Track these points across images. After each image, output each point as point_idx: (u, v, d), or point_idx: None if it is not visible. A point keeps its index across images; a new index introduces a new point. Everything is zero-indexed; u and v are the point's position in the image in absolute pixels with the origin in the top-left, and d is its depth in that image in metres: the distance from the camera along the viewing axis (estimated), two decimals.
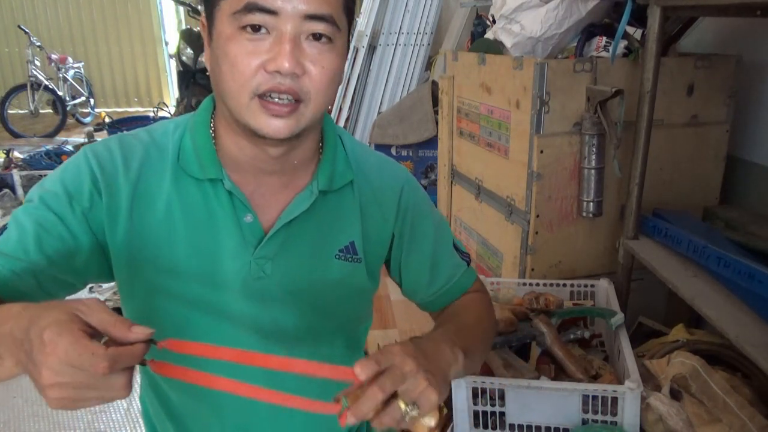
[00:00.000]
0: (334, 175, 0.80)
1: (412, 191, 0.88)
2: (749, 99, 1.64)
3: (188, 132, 0.77)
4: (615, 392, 1.05)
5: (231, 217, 0.75)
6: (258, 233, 0.76)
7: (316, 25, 0.66)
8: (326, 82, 0.68)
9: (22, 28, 6.12)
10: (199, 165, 0.74)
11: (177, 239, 0.74)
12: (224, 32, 0.66)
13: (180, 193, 0.75)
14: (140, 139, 0.77)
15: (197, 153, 0.75)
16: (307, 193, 0.77)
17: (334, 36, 0.68)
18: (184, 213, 0.74)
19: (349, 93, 4.06)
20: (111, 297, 2.52)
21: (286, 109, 0.67)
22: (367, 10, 3.97)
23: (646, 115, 1.36)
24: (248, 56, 0.65)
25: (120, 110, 7.42)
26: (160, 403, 0.86)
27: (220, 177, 0.74)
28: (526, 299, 1.35)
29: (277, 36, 0.65)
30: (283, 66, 0.64)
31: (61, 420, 1.81)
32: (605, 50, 1.52)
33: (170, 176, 0.75)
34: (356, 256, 0.82)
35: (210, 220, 0.75)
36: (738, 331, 1.06)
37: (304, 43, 0.66)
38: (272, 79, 0.65)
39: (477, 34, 2.34)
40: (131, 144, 0.76)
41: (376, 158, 0.89)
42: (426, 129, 3.35)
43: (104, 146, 0.75)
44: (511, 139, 1.65)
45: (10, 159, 3.79)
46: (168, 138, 0.77)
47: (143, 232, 0.74)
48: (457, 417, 1.15)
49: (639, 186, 1.42)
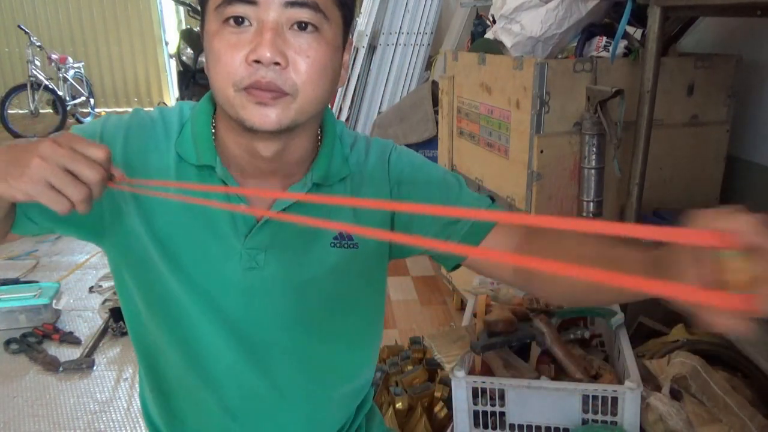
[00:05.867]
0: (329, 170, 0.78)
1: (399, 156, 0.83)
2: (749, 99, 1.64)
3: (189, 120, 0.77)
4: (615, 392, 1.05)
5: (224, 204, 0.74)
6: (250, 221, 0.75)
7: (299, 12, 0.63)
8: (315, 74, 0.65)
9: (22, 28, 6.12)
10: (195, 151, 0.74)
11: (175, 220, 0.74)
12: (211, 28, 0.66)
13: (179, 175, 0.74)
14: (151, 116, 0.77)
15: (195, 139, 0.74)
16: (300, 185, 0.76)
17: (321, 25, 0.65)
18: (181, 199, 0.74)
19: (349, 93, 4.06)
20: (111, 297, 2.52)
21: (269, 95, 0.64)
22: (367, 10, 3.97)
23: (646, 115, 1.36)
24: (231, 49, 0.63)
25: (120, 110, 7.42)
26: (162, 404, 0.86)
27: (212, 164, 0.73)
28: (526, 299, 1.35)
29: (258, 26, 0.63)
30: (264, 55, 0.61)
31: (61, 420, 1.80)
32: (605, 50, 1.52)
33: (174, 156, 0.75)
34: (351, 241, 0.80)
35: (205, 208, 0.74)
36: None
37: (288, 33, 0.64)
38: (255, 71, 0.63)
39: (477, 34, 2.34)
40: (142, 119, 0.76)
41: (363, 142, 0.86)
42: (426, 129, 3.35)
43: (116, 121, 0.75)
44: (511, 139, 1.65)
45: None
46: (175, 119, 0.77)
47: (143, 205, 0.74)
48: (457, 417, 1.15)
49: (639, 186, 1.42)
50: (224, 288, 0.76)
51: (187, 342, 0.78)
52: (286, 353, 0.81)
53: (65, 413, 1.84)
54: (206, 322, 0.77)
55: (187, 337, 0.78)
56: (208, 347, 0.78)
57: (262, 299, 0.77)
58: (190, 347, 0.78)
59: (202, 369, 0.80)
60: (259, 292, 0.77)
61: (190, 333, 0.78)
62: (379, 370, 1.65)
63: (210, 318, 0.77)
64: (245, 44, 0.63)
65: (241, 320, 0.78)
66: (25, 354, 2.13)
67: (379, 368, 1.67)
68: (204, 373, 0.80)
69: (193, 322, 0.77)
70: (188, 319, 0.77)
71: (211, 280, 0.76)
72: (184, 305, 0.76)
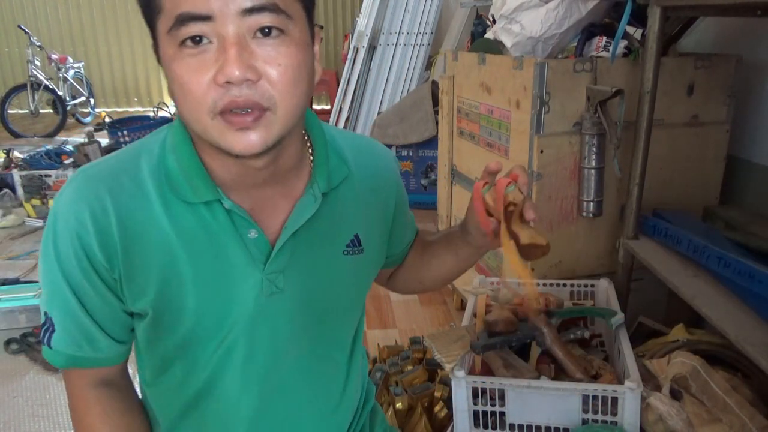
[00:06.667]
0: (330, 175, 0.76)
1: (398, 167, 0.89)
2: (749, 99, 1.64)
3: (170, 153, 0.70)
4: (615, 392, 1.05)
5: (234, 236, 0.70)
6: (265, 248, 0.71)
7: (259, 19, 0.58)
8: (290, 82, 0.61)
9: (22, 28, 6.11)
10: (192, 188, 0.68)
11: (182, 276, 0.69)
12: (167, 54, 0.60)
13: (174, 222, 0.68)
14: (101, 176, 0.68)
15: (186, 175, 0.68)
16: (310, 199, 0.73)
17: (286, 27, 0.60)
18: (184, 243, 0.69)
19: (349, 93, 4.06)
20: None
21: (249, 118, 0.59)
22: (367, 10, 3.97)
23: (646, 115, 1.36)
24: (195, 73, 0.58)
25: (120, 110, 7.42)
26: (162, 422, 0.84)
27: (216, 197, 0.68)
28: (527, 299, 1.35)
29: (219, 42, 0.58)
30: (233, 74, 0.57)
31: (61, 420, 1.80)
32: (605, 50, 1.52)
33: (158, 204, 0.68)
34: (359, 247, 0.80)
35: (213, 246, 0.69)
36: (738, 331, 1.06)
37: (252, 43, 0.59)
38: (227, 92, 0.58)
39: (477, 34, 2.34)
40: (94, 188, 0.67)
41: (365, 142, 0.86)
42: (426, 129, 3.35)
43: (67, 212, 0.67)
44: (511, 139, 1.65)
45: (10, 159, 3.78)
46: (140, 162, 0.69)
47: (143, 274, 0.68)
48: (457, 417, 1.15)
49: (639, 186, 1.42)
50: (241, 320, 0.72)
51: (203, 393, 0.76)
52: (295, 364, 0.79)
53: (65, 413, 1.84)
54: (216, 359, 0.74)
55: (204, 388, 0.76)
56: (227, 392, 0.76)
57: (280, 323, 0.75)
58: (203, 394, 0.77)
59: (212, 410, 0.78)
60: (277, 315, 0.74)
61: (199, 374, 0.75)
62: (379, 370, 1.65)
63: (223, 355, 0.74)
64: (209, 65, 0.58)
65: (266, 350, 0.75)
66: (25, 354, 2.13)
67: (379, 368, 1.67)
68: (213, 411, 0.78)
69: (203, 364, 0.74)
70: (198, 361, 0.74)
71: (227, 317, 0.72)
72: (197, 348, 0.73)
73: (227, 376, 0.75)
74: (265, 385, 0.77)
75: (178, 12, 0.57)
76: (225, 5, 0.57)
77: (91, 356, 0.73)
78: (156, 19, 0.61)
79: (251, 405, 0.77)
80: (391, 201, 0.86)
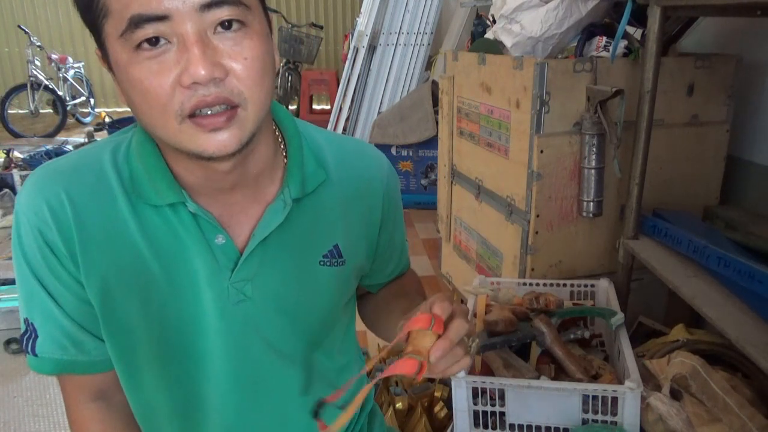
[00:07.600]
0: (305, 179, 0.71)
1: (394, 177, 0.82)
2: (749, 99, 1.64)
3: (134, 154, 0.67)
4: (615, 392, 1.05)
5: (200, 241, 0.67)
6: (233, 254, 0.68)
7: (218, 12, 0.55)
8: (257, 74, 0.58)
9: (22, 28, 6.11)
10: (155, 190, 0.65)
11: (148, 275, 0.67)
12: (120, 59, 0.56)
13: (139, 221, 0.66)
14: (61, 170, 0.67)
15: (150, 177, 0.66)
16: (280, 204, 0.69)
17: (246, 18, 0.57)
18: (150, 244, 0.66)
19: (349, 93, 4.06)
20: None
21: (222, 118, 0.57)
22: (367, 10, 3.97)
23: (646, 115, 1.36)
24: (157, 76, 0.55)
25: (120, 110, 7.42)
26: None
27: (180, 200, 0.65)
28: (526, 299, 1.35)
29: (179, 42, 0.55)
30: (199, 74, 0.54)
31: (61, 420, 1.80)
32: (605, 50, 1.52)
33: (123, 202, 0.66)
34: (341, 259, 0.76)
35: (179, 248, 0.67)
36: (738, 331, 1.06)
37: (214, 39, 0.56)
38: (194, 93, 0.55)
39: (477, 34, 2.35)
40: (51, 184, 0.65)
41: (353, 145, 0.81)
42: (426, 129, 3.35)
43: (27, 208, 0.65)
44: (511, 139, 1.65)
45: (10, 159, 3.78)
46: (103, 158, 0.68)
47: (100, 272, 0.66)
48: (457, 417, 1.15)
49: (639, 186, 1.42)
50: (208, 330, 0.70)
51: (185, 403, 0.74)
52: (276, 372, 0.76)
53: (65, 413, 1.84)
54: (186, 369, 0.71)
55: (184, 395, 0.74)
56: (207, 401, 0.74)
57: (250, 332, 0.72)
58: (186, 406, 0.74)
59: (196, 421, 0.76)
60: (246, 324, 0.71)
61: (170, 383, 0.73)
62: (379, 370, 1.65)
63: (191, 366, 0.71)
64: (171, 66, 0.55)
65: (241, 358, 0.73)
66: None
67: (379, 368, 1.67)
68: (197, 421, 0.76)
69: (171, 374, 0.72)
70: (167, 371, 0.72)
71: (194, 324, 0.69)
72: (163, 357, 0.71)
73: (206, 386, 0.73)
74: (244, 394, 0.75)
75: (131, 14, 0.54)
76: (181, 2, 0.54)
77: (80, 359, 0.71)
78: (102, 23, 0.57)
79: (234, 415, 0.75)
80: (376, 210, 0.79)
